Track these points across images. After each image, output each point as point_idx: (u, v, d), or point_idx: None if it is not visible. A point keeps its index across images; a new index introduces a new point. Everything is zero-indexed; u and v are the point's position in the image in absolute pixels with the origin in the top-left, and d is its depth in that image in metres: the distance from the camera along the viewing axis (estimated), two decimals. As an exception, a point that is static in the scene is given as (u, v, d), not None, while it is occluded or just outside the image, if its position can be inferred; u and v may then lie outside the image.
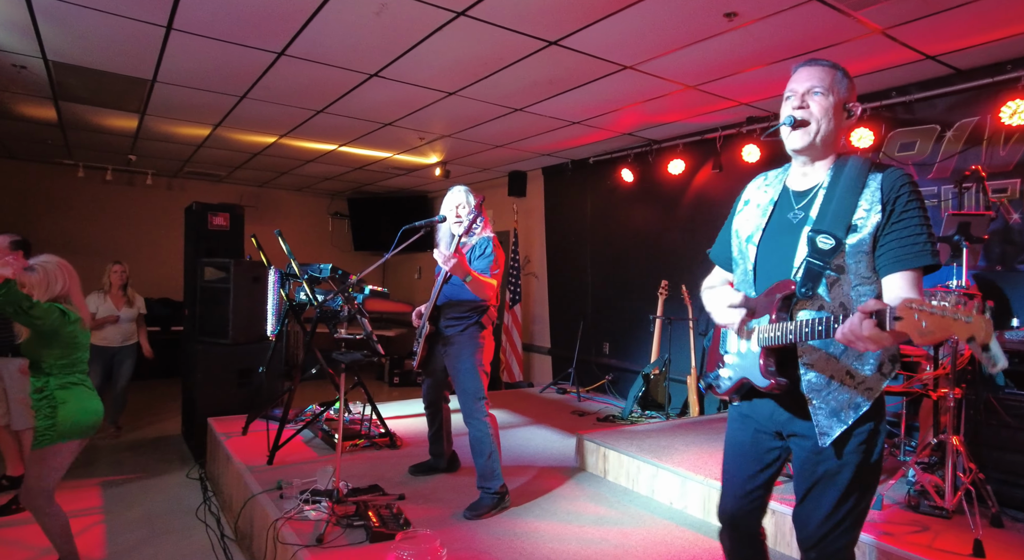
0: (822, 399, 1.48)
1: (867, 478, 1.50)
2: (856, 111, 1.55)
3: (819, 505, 1.51)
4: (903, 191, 1.43)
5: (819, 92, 1.52)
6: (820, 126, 1.51)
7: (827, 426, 1.48)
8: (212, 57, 3.81)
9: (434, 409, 3.43)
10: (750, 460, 1.65)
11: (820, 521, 1.51)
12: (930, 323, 1.11)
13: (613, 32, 3.29)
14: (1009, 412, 2.74)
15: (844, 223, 1.45)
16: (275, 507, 2.89)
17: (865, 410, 1.46)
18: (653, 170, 5.72)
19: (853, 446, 1.47)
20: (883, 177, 1.46)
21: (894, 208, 1.43)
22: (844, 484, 1.47)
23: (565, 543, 2.69)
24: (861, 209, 1.45)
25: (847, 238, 1.45)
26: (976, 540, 2.26)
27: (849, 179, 1.49)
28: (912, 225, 1.41)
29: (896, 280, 1.41)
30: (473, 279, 2.89)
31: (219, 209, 5.25)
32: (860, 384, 1.47)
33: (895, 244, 1.41)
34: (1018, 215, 3.38)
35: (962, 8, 2.90)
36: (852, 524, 1.50)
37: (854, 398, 1.47)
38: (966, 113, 3.68)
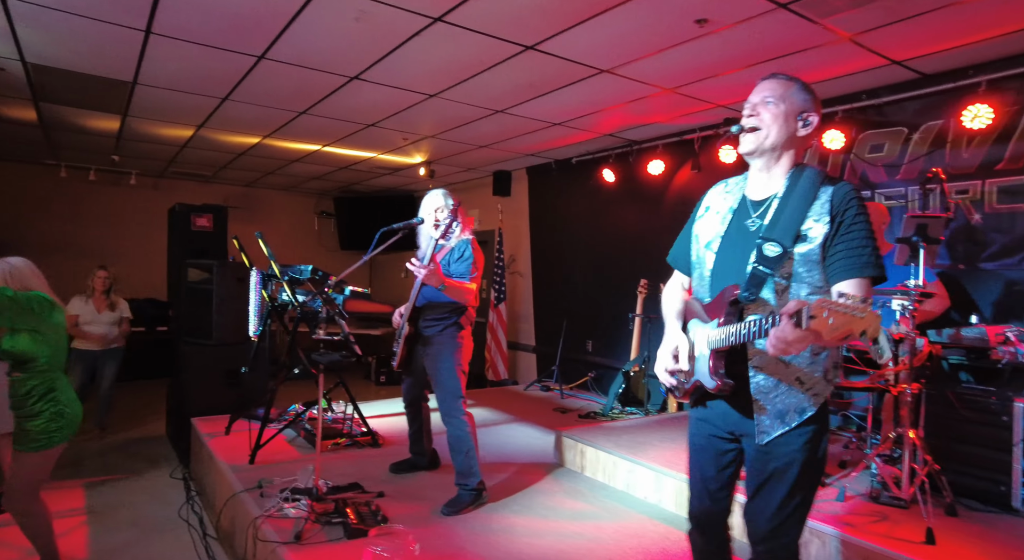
0: (769, 401, 1.55)
1: (813, 476, 1.58)
2: (812, 120, 1.60)
3: (769, 502, 1.58)
4: (851, 205, 1.50)
5: (771, 101, 1.60)
6: (770, 132, 1.59)
7: (769, 426, 1.56)
8: (192, 60, 3.84)
9: (414, 408, 3.49)
10: (710, 462, 1.73)
11: (770, 516, 1.58)
12: (836, 320, 1.19)
13: (588, 37, 3.36)
14: (966, 406, 2.84)
15: (793, 232, 1.52)
16: (256, 505, 2.94)
17: (810, 415, 1.54)
18: (634, 170, 5.80)
19: (799, 445, 1.54)
20: (833, 190, 1.53)
21: (843, 220, 1.50)
22: (791, 481, 1.55)
23: (540, 537, 2.76)
24: (811, 219, 1.52)
25: (795, 247, 1.52)
26: (928, 528, 2.36)
27: (802, 190, 1.55)
28: (859, 237, 1.48)
29: (843, 288, 1.47)
30: (448, 287, 2.94)
31: (203, 210, 5.28)
32: (809, 389, 1.54)
33: (843, 254, 1.48)
34: (979, 215, 3.49)
35: (925, 16, 2.99)
36: (799, 519, 1.58)
37: (801, 403, 1.54)
38: (932, 116, 3.78)
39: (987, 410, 2.79)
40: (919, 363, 2.75)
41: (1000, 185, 3.51)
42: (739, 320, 1.55)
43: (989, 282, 3.55)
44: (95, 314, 5.14)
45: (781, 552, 1.59)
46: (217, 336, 4.77)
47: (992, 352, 2.92)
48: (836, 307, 1.19)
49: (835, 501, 2.76)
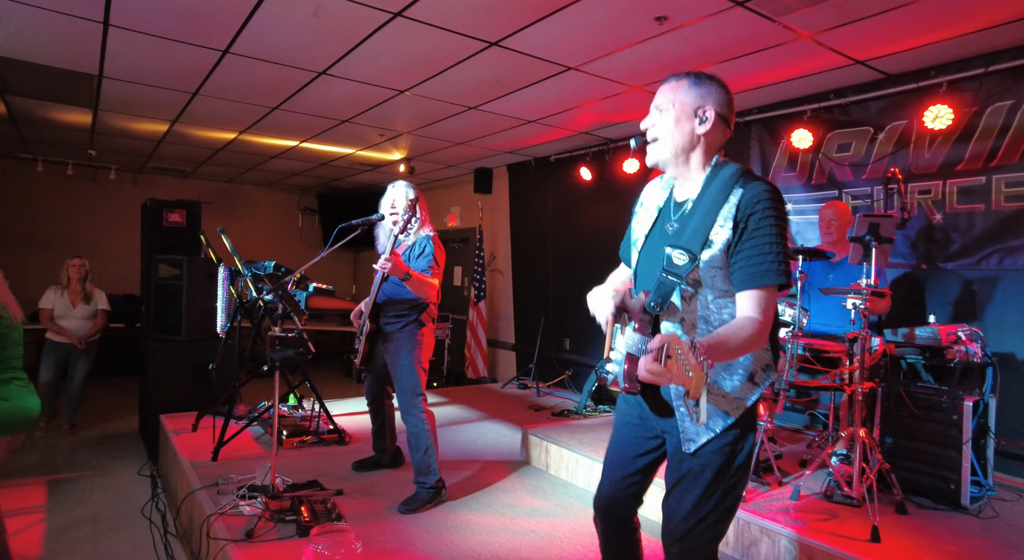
0: (687, 408, 1.50)
1: (730, 479, 1.51)
2: (708, 115, 1.51)
3: (682, 501, 1.53)
4: (757, 208, 1.42)
5: (662, 108, 1.56)
6: (666, 141, 1.54)
7: (693, 432, 1.50)
8: (156, 53, 3.80)
9: (376, 405, 3.48)
10: (629, 446, 1.67)
11: (683, 517, 1.52)
12: (676, 368, 1.18)
13: (550, 34, 3.35)
14: (917, 404, 2.86)
15: (702, 239, 1.46)
16: (212, 503, 2.93)
17: (733, 420, 1.48)
18: (610, 168, 5.80)
19: (716, 447, 1.49)
20: (743, 193, 1.44)
21: (746, 225, 1.42)
22: (706, 483, 1.49)
23: (493, 534, 2.76)
24: (717, 225, 1.45)
25: (701, 253, 1.45)
26: (874, 526, 2.38)
27: (714, 193, 1.49)
28: (762, 243, 1.41)
29: (743, 299, 1.43)
30: (412, 278, 2.93)
31: (175, 206, 5.24)
32: (724, 397, 1.49)
33: (744, 263, 1.42)
34: (940, 216, 3.50)
35: (881, 16, 2.99)
36: (714, 521, 1.51)
37: (723, 407, 1.49)
38: (896, 116, 3.79)
39: (938, 408, 2.81)
40: (872, 362, 2.76)
41: (960, 185, 3.53)
42: (652, 326, 1.52)
43: (948, 282, 3.57)
44: (69, 308, 5.08)
45: (694, 554, 1.53)
46: (186, 332, 4.74)
47: (948, 351, 2.94)
48: (679, 356, 1.18)
49: (789, 499, 2.77)
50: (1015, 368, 3.28)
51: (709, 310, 1.50)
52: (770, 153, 4.53)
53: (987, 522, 2.64)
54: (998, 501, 2.87)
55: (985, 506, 2.77)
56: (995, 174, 3.39)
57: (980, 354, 2.81)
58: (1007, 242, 3.34)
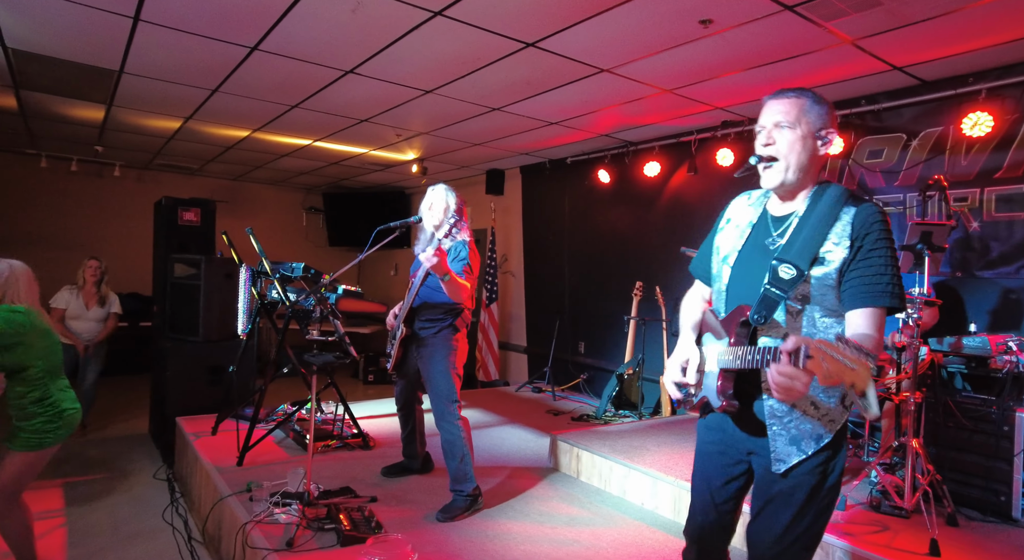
0: (783, 426, 1.48)
1: (822, 501, 1.48)
2: (831, 137, 1.50)
3: (772, 525, 1.49)
4: (873, 229, 1.42)
5: (785, 126, 1.49)
6: (789, 162, 1.49)
7: (785, 453, 1.47)
8: (182, 50, 3.72)
9: (408, 411, 3.42)
10: (718, 472, 1.64)
11: (772, 541, 1.49)
12: (831, 367, 1.13)
13: (590, 35, 3.30)
14: (965, 415, 2.83)
15: (810, 254, 1.43)
16: (244, 509, 2.86)
17: (826, 442, 1.45)
18: (629, 171, 5.76)
19: (808, 468, 1.46)
20: (856, 212, 1.44)
21: (863, 245, 1.41)
22: (798, 506, 1.46)
23: (537, 544, 2.71)
24: (830, 242, 1.44)
25: (811, 270, 1.43)
26: (932, 540, 2.34)
27: (823, 210, 1.47)
28: (878, 264, 1.40)
29: (855, 317, 1.41)
30: (451, 279, 2.87)
31: (190, 204, 5.15)
32: (824, 416, 1.46)
33: (859, 281, 1.41)
34: (978, 224, 3.48)
35: (928, 22, 2.97)
36: (804, 546, 1.48)
37: (816, 429, 1.46)
38: (930, 123, 3.78)
39: (987, 419, 2.78)
40: (921, 372, 2.73)
41: (999, 193, 3.51)
42: (750, 341, 1.49)
43: (986, 290, 3.55)
44: (83, 310, 4.98)
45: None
46: (203, 333, 4.66)
47: (991, 361, 2.91)
48: (832, 352, 1.13)
49: (836, 510, 2.72)
50: (1054, 378, 3.26)
51: (816, 328, 1.47)
52: (798, 158, 4.49)
53: (1039, 535, 2.61)
54: (1045, 513, 2.85)
55: (1033, 518, 2.75)
56: (1034, 183, 3.37)
57: (1029, 364, 2.79)
58: (1047, 251, 3.32)
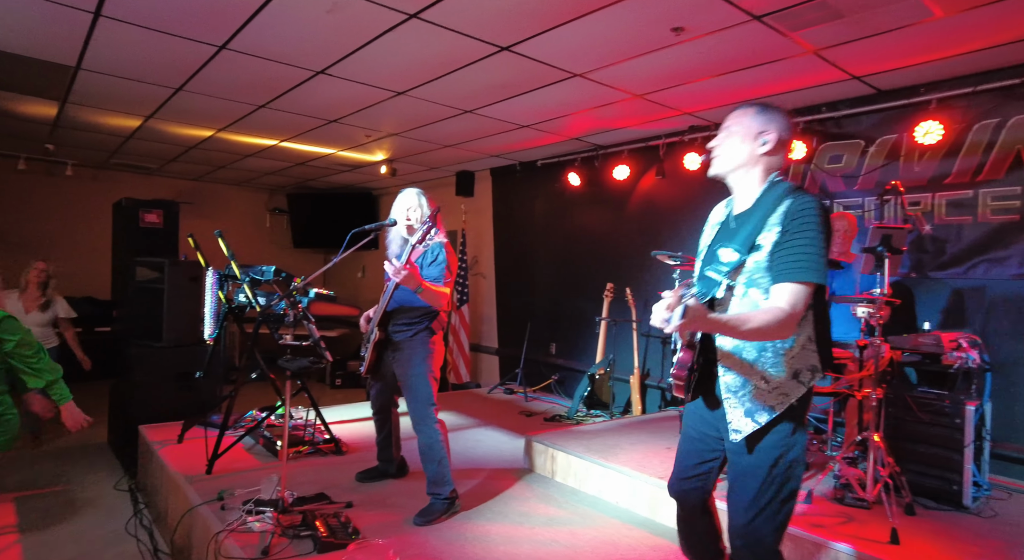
0: (738, 400, 1.67)
1: (785, 472, 1.64)
2: (769, 138, 1.71)
3: (743, 495, 1.67)
4: (800, 215, 1.60)
5: (726, 129, 1.79)
6: (725, 155, 1.77)
7: (740, 424, 1.67)
8: (145, 47, 3.61)
9: (383, 415, 3.39)
10: (694, 453, 1.87)
11: (744, 509, 1.66)
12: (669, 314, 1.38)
13: (564, 41, 3.34)
14: (922, 409, 2.98)
15: (751, 241, 1.65)
16: (216, 519, 2.79)
17: (779, 414, 1.63)
18: (599, 175, 5.84)
19: (771, 442, 1.64)
20: (791, 201, 1.63)
21: (789, 228, 1.60)
22: (762, 478, 1.64)
23: (517, 545, 2.73)
24: (768, 231, 1.63)
25: (749, 255, 1.65)
26: (893, 529, 2.46)
27: (768, 203, 1.68)
28: (801, 243, 1.57)
29: (775, 290, 1.59)
30: (425, 290, 2.86)
31: (152, 206, 5.00)
32: (775, 389, 1.64)
33: (781, 258, 1.60)
34: (930, 227, 3.66)
35: (885, 35, 3.12)
36: (773, 513, 1.64)
37: (768, 400, 1.64)
38: (887, 130, 3.95)
39: (942, 413, 2.93)
40: (881, 368, 2.85)
41: (949, 198, 3.70)
42: None
43: (938, 290, 3.74)
44: (22, 314, 4.75)
45: (757, 547, 1.65)
46: (168, 338, 4.52)
47: (944, 357, 3.07)
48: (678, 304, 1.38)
49: (803, 503, 2.83)
50: (1001, 373, 3.46)
51: (758, 307, 1.64)
52: (762, 163, 4.64)
53: (991, 521, 2.76)
54: (994, 500, 3.01)
55: (984, 506, 2.91)
56: (982, 188, 3.57)
57: (979, 361, 2.95)
58: (994, 253, 3.52)
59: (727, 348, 1.68)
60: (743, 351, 1.67)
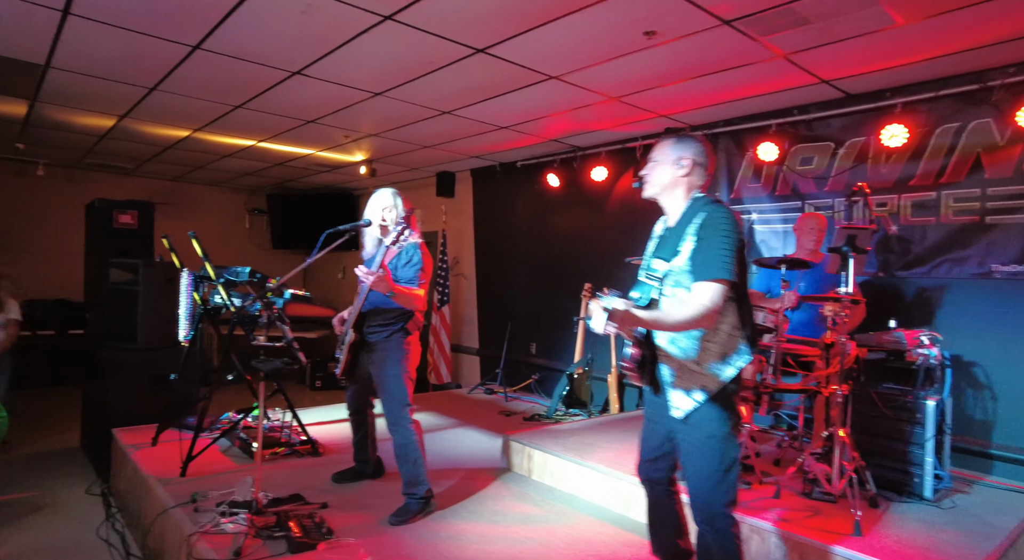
0: (677, 382, 1.94)
1: (722, 443, 1.90)
2: (685, 162, 2.01)
3: (689, 469, 1.96)
4: (711, 223, 1.88)
5: (654, 159, 2.09)
6: (655, 181, 2.07)
7: (680, 402, 1.94)
8: (117, 46, 3.57)
9: (359, 416, 3.40)
10: (654, 434, 2.13)
11: (694, 482, 1.93)
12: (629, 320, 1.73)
13: (539, 43, 3.38)
14: (886, 404, 3.06)
15: (674, 250, 1.94)
16: (190, 521, 2.78)
17: (713, 392, 1.89)
18: (578, 176, 5.89)
19: (708, 417, 1.90)
20: (705, 215, 1.91)
21: (703, 235, 1.88)
22: (704, 449, 1.90)
23: (492, 543, 2.75)
24: (687, 240, 1.92)
25: (672, 261, 1.94)
26: (856, 521, 2.52)
27: (688, 216, 1.97)
28: (711, 248, 1.85)
29: (694, 288, 1.87)
30: (397, 294, 2.87)
31: (127, 206, 4.95)
32: (707, 372, 1.91)
33: (697, 261, 1.88)
34: (896, 228, 3.76)
35: (851, 41, 3.20)
36: (718, 480, 1.89)
37: (701, 381, 1.90)
38: (855, 133, 4.05)
39: (904, 408, 3.01)
40: (848, 366, 2.93)
41: (914, 199, 3.80)
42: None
43: (904, 289, 3.84)
44: None
45: (712, 512, 1.90)
46: (143, 340, 4.47)
47: (908, 354, 3.16)
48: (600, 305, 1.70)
49: (772, 498, 2.90)
50: (963, 369, 3.56)
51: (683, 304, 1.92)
52: (736, 165, 4.73)
53: (949, 512, 2.85)
54: (954, 492, 3.11)
55: (944, 498, 2.99)
56: (944, 190, 3.67)
57: (940, 357, 3.04)
58: (955, 253, 3.62)
59: (664, 340, 1.97)
60: (677, 342, 1.95)
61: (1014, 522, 2.73)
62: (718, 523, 1.92)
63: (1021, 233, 3.40)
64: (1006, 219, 3.45)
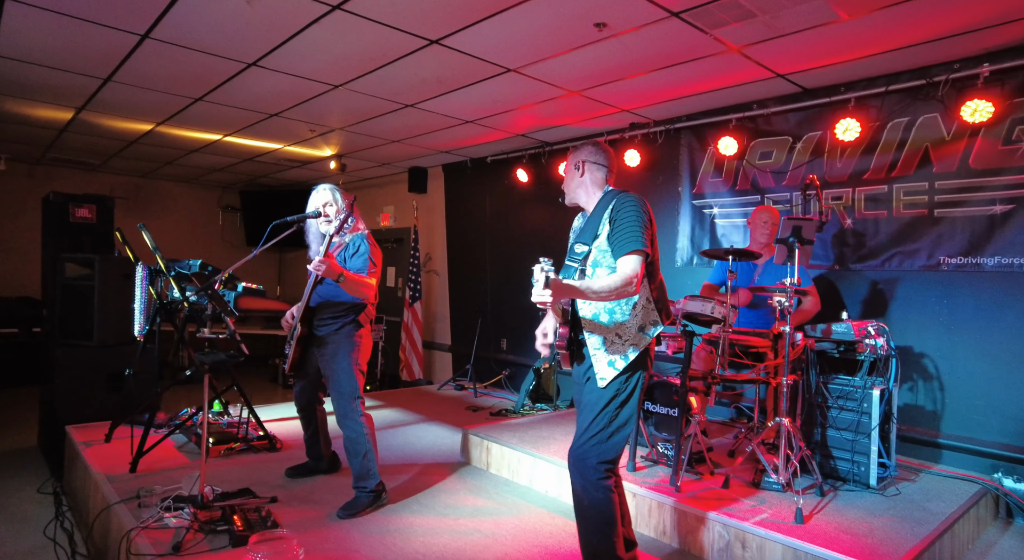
0: (601, 353, 2.11)
1: (615, 411, 2.08)
2: (581, 164, 2.27)
3: (582, 422, 2.12)
4: (621, 207, 2.10)
5: (565, 170, 2.36)
6: (568, 188, 2.34)
7: (604, 373, 2.09)
8: (62, 34, 3.50)
9: (308, 412, 3.36)
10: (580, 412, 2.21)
11: (579, 434, 2.12)
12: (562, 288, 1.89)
13: (491, 35, 3.37)
14: (833, 394, 3.09)
15: (592, 234, 2.15)
16: (132, 517, 2.73)
17: (631, 360, 2.08)
18: (547, 171, 5.89)
19: (614, 384, 2.08)
20: (615, 201, 2.13)
21: (615, 217, 2.10)
22: (597, 410, 2.08)
23: (437, 536, 2.74)
24: (602, 224, 2.13)
25: (593, 244, 2.15)
26: (797, 509, 2.55)
27: (602, 206, 2.18)
28: (624, 227, 2.07)
29: (619, 263, 2.06)
30: (347, 279, 2.85)
31: (84, 200, 4.84)
32: (626, 342, 2.10)
33: (614, 239, 2.09)
34: (851, 221, 3.80)
35: (800, 34, 3.22)
36: (601, 440, 2.06)
37: (623, 350, 2.09)
38: (811, 127, 4.09)
39: (851, 398, 3.05)
40: (794, 357, 2.95)
41: (867, 193, 3.85)
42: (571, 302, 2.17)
43: (858, 282, 3.89)
44: None
45: (582, 463, 2.08)
46: (99, 337, 4.39)
47: (858, 345, 3.19)
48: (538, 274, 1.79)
49: (721, 488, 2.92)
50: (913, 360, 3.61)
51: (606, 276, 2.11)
52: (698, 159, 4.75)
53: (892, 500, 2.89)
54: (900, 480, 3.15)
55: (889, 486, 3.03)
56: (895, 183, 3.72)
57: (886, 347, 3.07)
58: (906, 246, 3.67)
59: (588, 316, 2.14)
60: (599, 316, 2.13)
61: (951, 508, 2.77)
62: (588, 474, 2.06)
63: (967, 226, 3.45)
64: (953, 212, 3.50)
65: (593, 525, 2.08)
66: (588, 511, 2.08)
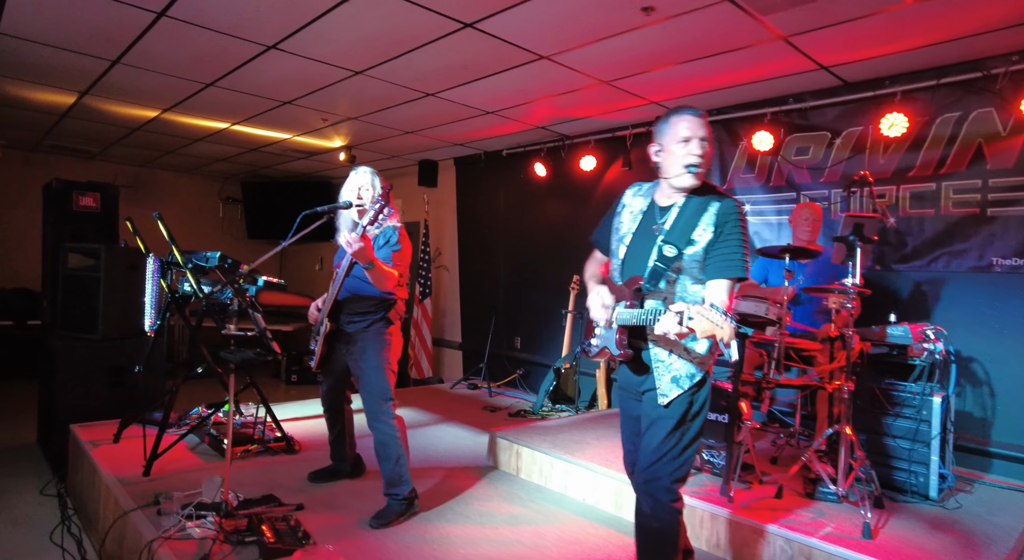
0: (664, 368, 1.89)
1: (688, 424, 1.89)
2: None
3: (651, 439, 1.91)
4: (730, 218, 1.84)
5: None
6: (706, 167, 1.90)
7: (668, 389, 1.88)
8: (71, 10, 3.29)
9: (335, 412, 3.19)
10: (630, 427, 2.09)
11: (650, 451, 1.90)
12: (703, 326, 1.51)
13: (531, 18, 3.20)
14: (889, 401, 2.96)
15: (686, 237, 1.86)
16: (151, 525, 2.56)
17: (699, 379, 1.89)
18: (565, 165, 5.73)
19: (683, 400, 1.88)
20: (720, 205, 1.86)
21: (722, 230, 1.84)
22: (671, 425, 1.87)
23: (478, 546, 2.58)
24: (700, 228, 1.85)
25: (686, 249, 1.85)
26: (865, 523, 2.41)
27: (697, 203, 1.88)
28: (732, 245, 1.83)
29: (713, 285, 1.85)
30: (376, 268, 2.67)
31: (87, 188, 4.62)
32: (695, 359, 1.88)
33: (717, 258, 1.84)
34: (894, 219, 3.66)
35: (852, 23, 3.08)
36: (674, 457, 1.88)
37: (690, 369, 1.88)
38: (852, 123, 3.95)
39: (909, 405, 2.91)
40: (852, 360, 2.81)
41: (912, 190, 3.71)
42: (641, 304, 1.90)
43: (900, 283, 3.76)
44: None
45: (654, 485, 1.88)
46: (103, 330, 4.19)
47: (910, 349, 3.05)
48: (706, 315, 1.51)
49: (774, 498, 2.77)
50: (960, 364, 3.49)
51: (687, 293, 1.90)
52: (729, 154, 4.60)
53: (956, 513, 2.76)
54: (957, 491, 3.02)
55: (948, 497, 2.90)
56: (944, 181, 3.59)
57: (944, 352, 2.94)
58: (954, 246, 3.54)
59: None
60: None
61: (1020, 524, 2.64)
62: (661, 496, 1.90)
63: (1022, 225, 3.32)
64: (1008, 211, 3.37)
65: (656, 548, 1.92)
66: (655, 534, 1.91)
